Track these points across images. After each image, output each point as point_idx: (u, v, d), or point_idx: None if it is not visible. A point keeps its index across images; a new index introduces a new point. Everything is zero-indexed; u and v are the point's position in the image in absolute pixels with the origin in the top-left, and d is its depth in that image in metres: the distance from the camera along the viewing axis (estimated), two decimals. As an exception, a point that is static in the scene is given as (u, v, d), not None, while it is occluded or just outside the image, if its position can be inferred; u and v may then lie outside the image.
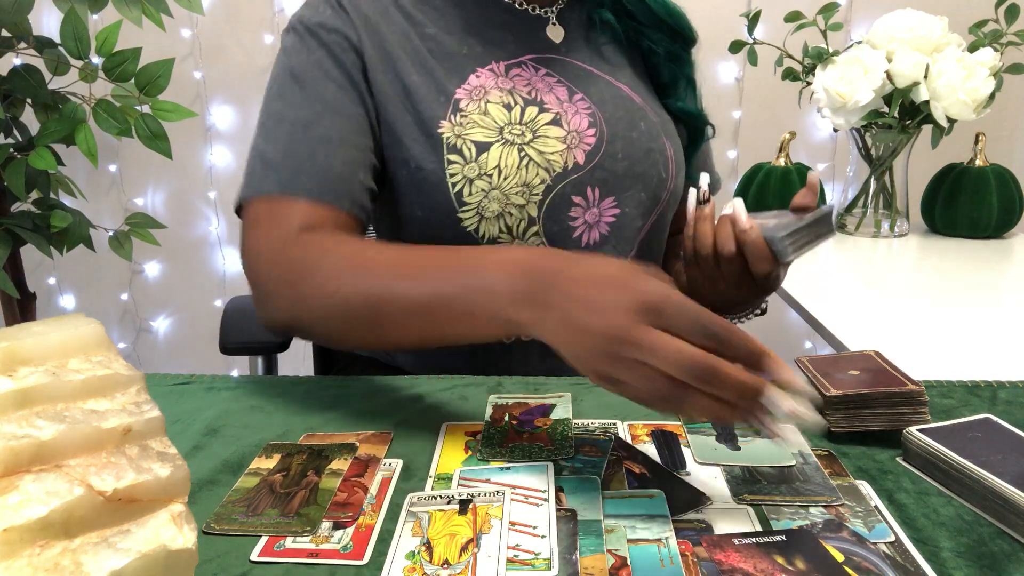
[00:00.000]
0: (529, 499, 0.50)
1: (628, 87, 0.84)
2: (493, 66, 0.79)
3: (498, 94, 0.77)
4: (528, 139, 0.76)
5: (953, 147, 1.57)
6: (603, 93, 0.82)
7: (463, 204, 0.76)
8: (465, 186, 0.75)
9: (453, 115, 0.76)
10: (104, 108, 1.50)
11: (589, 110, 0.80)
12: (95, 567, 0.32)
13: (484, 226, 0.77)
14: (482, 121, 0.76)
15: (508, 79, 0.79)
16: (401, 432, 0.61)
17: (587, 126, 0.79)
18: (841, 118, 1.35)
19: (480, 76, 0.78)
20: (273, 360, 1.15)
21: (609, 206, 0.80)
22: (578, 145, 0.78)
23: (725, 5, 1.90)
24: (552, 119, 0.78)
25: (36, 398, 0.35)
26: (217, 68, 2.01)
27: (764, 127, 1.99)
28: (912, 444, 0.54)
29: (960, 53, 1.32)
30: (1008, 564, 0.44)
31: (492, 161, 0.75)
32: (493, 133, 0.76)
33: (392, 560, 0.44)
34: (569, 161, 0.77)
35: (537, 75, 0.80)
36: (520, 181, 0.76)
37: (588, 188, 0.79)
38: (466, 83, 0.77)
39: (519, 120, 0.77)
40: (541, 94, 0.79)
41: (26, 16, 1.51)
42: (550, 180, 0.77)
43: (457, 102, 0.76)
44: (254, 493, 0.52)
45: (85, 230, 1.64)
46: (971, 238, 1.48)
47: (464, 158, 0.75)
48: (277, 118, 0.74)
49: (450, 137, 0.75)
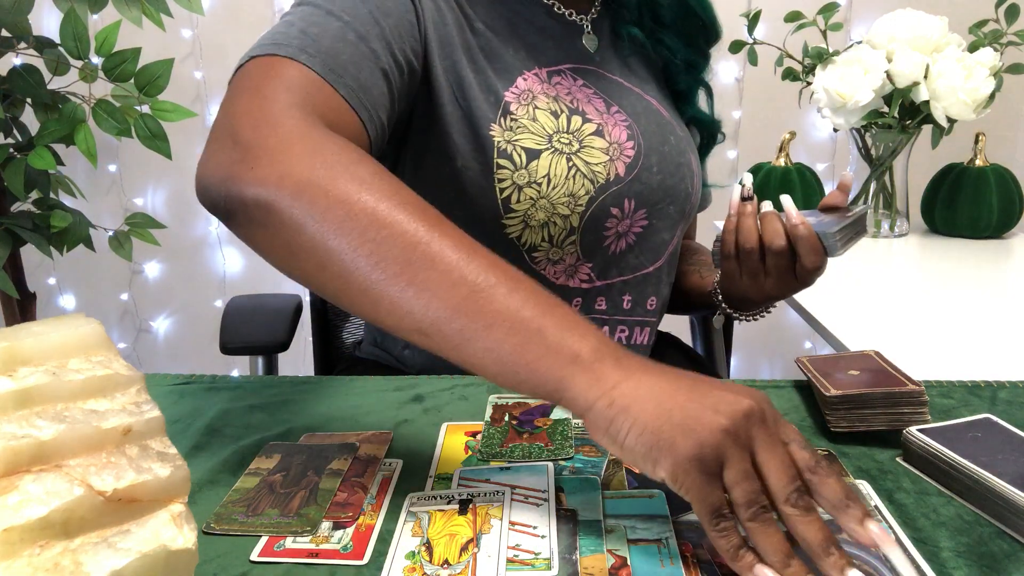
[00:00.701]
0: (529, 499, 0.50)
1: (656, 101, 0.85)
2: (537, 71, 0.78)
3: (545, 100, 0.76)
4: (575, 149, 0.76)
5: (953, 147, 1.57)
6: (636, 106, 0.82)
7: (509, 211, 0.74)
8: (513, 193, 0.74)
9: (503, 118, 0.74)
10: (104, 108, 1.50)
11: (626, 122, 0.80)
12: (95, 567, 0.32)
13: (527, 234, 0.76)
14: (532, 127, 0.75)
15: (551, 86, 0.78)
16: (401, 432, 0.61)
17: (626, 138, 0.79)
18: (841, 118, 1.35)
19: (527, 79, 0.77)
20: (273, 360, 1.15)
21: (640, 219, 0.80)
22: (619, 157, 0.78)
23: (725, 5, 1.89)
24: (595, 130, 0.77)
25: (36, 398, 0.35)
26: (217, 68, 2.01)
27: (764, 127, 1.99)
28: (912, 444, 0.54)
29: (960, 53, 1.32)
30: (1008, 564, 0.44)
31: (542, 169, 0.74)
32: (543, 141, 0.74)
33: (392, 560, 0.44)
34: (611, 173, 0.77)
35: (575, 85, 0.80)
36: (567, 191, 0.75)
37: (625, 200, 0.79)
38: (514, 85, 0.76)
39: (566, 129, 0.76)
40: (582, 104, 0.79)
41: (26, 16, 1.51)
42: (594, 191, 0.76)
43: (507, 105, 0.75)
44: (254, 493, 0.52)
45: (85, 230, 1.64)
46: (971, 238, 1.48)
47: (514, 164, 0.73)
48: (326, 12, 0.64)
49: (500, 141, 0.73)
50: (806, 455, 0.43)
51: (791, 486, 0.41)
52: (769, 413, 0.44)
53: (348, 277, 0.47)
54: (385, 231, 0.47)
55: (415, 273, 0.46)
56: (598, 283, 0.81)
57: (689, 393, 0.43)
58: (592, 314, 0.82)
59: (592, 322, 0.49)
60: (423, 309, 0.46)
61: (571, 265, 0.79)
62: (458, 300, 0.45)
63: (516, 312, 0.45)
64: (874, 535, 0.40)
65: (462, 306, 0.45)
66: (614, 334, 0.84)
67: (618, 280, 0.82)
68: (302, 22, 0.62)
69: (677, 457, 0.41)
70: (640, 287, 0.84)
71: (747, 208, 0.76)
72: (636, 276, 0.83)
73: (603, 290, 0.82)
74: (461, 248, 0.47)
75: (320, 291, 0.50)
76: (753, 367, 2.23)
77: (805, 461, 0.43)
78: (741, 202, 0.76)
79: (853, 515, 0.41)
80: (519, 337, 0.45)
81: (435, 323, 0.46)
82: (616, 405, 0.43)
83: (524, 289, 0.46)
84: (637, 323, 0.85)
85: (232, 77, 0.60)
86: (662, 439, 0.41)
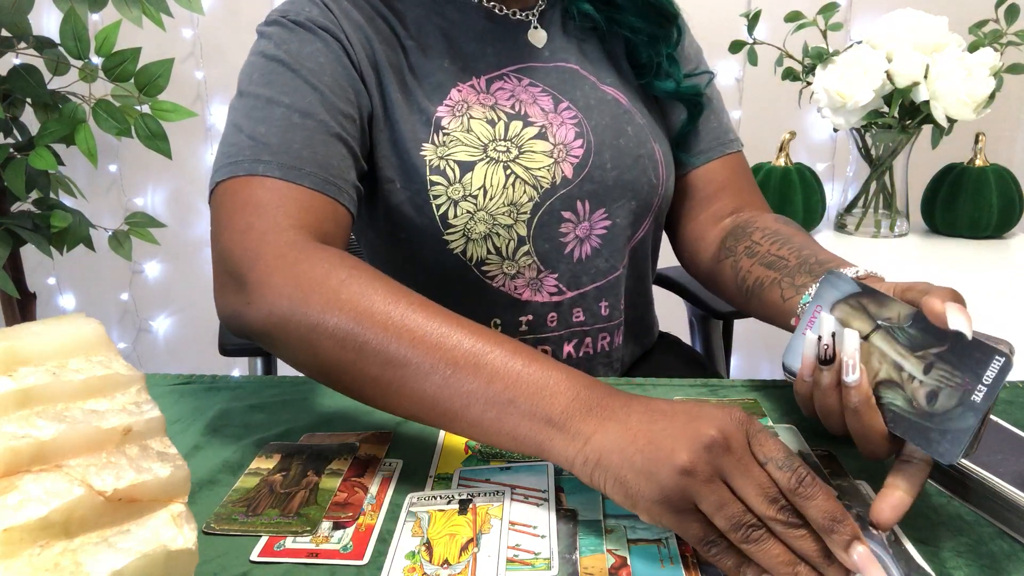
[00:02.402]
0: (529, 499, 0.50)
1: (613, 88, 0.82)
2: (474, 82, 0.76)
3: (481, 110, 0.74)
4: (514, 155, 0.74)
5: (953, 147, 1.57)
6: (588, 98, 0.79)
7: (448, 226, 0.73)
8: (450, 208, 0.72)
9: (436, 135, 0.73)
10: (104, 108, 1.50)
11: (575, 119, 0.77)
12: (95, 567, 0.32)
13: (471, 248, 0.74)
14: (465, 139, 0.73)
15: (490, 94, 0.76)
16: (401, 432, 0.61)
17: (574, 137, 0.76)
18: (841, 118, 1.35)
19: (462, 91, 0.75)
20: (273, 360, 1.15)
21: (600, 218, 0.78)
22: (565, 158, 0.75)
23: (725, 5, 1.90)
24: (537, 132, 0.75)
25: (36, 398, 0.35)
26: (217, 68, 2.01)
27: (764, 127, 1.99)
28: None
29: (960, 53, 1.32)
30: (1008, 564, 0.44)
31: (477, 181, 0.72)
32: (477, 151, 0.73)
33: (392, 560, 0.44)
34: (557, 176, 0.75)
35: (520, 85, 0.77)
36: (507, 200, 0.73)
37: (578, 202, 0.76)
38: (448, 98, 0.75)
39: (503, 136, 0.74)
40: (525, 106, 0.76)
41: (26, 16, 1.51)
42: (538, 197, 0.74)
43: (439, 120, 0.73)
44: (254, 493, 0.52)
45: (85, 230, 1.65)
46: (971, 238, 1.48)
47: (448, 179, 0.72)
48: (267, 100, 0.67)
49: (432, 159, 0.72)
50: (786, 475, 0.41)
51: (773, 507, 0.41)
52: (736, 438, 0.42)
53: (339, 386, 0.55)
54: (353, 347, 0.52)
55: (389, 380, 0.51)
56: (570, 294, 0.79)
57: (649, 436, 0.43)
58: (571, 327, 0.80)
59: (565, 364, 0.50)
60: (406, 406, 0.52)
61: (533, 279, 0.77)
62: (433, 390, 0.50)
63: (486, 389, 0.49)
64: (857, 562, 0.40)
65: (438, 395, 0.50)
66: (597, 344, 0.82)
67: (591, 288, 0.79)
68: (248, 123, 0.66)
69: (645, 503, 0.42)
70: (615, 290, 0.81)
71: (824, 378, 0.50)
72: (609, 280, 0.80)
73: (577, 300, 0.79)
74: (427, 341, 0.50)
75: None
76: (753, 367, 2.23)
77: (785, 482, 0.41)
78: (818, 366, 0.51)
79: (838, 540, 0.40)
80: (495, 411, 0.48)
81: (418, 415, 0.52)
82: (590, 461, 0.45)
83: (490, 364, 0.49)
84: (617, 326, 0.83)
85: (210, 203, 0.65)
86: (630, 488, 0.43)
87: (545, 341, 0.80)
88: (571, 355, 0.81)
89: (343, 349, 0.52)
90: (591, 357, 0.82)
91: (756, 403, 0.65)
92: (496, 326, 0.78)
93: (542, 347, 0.80)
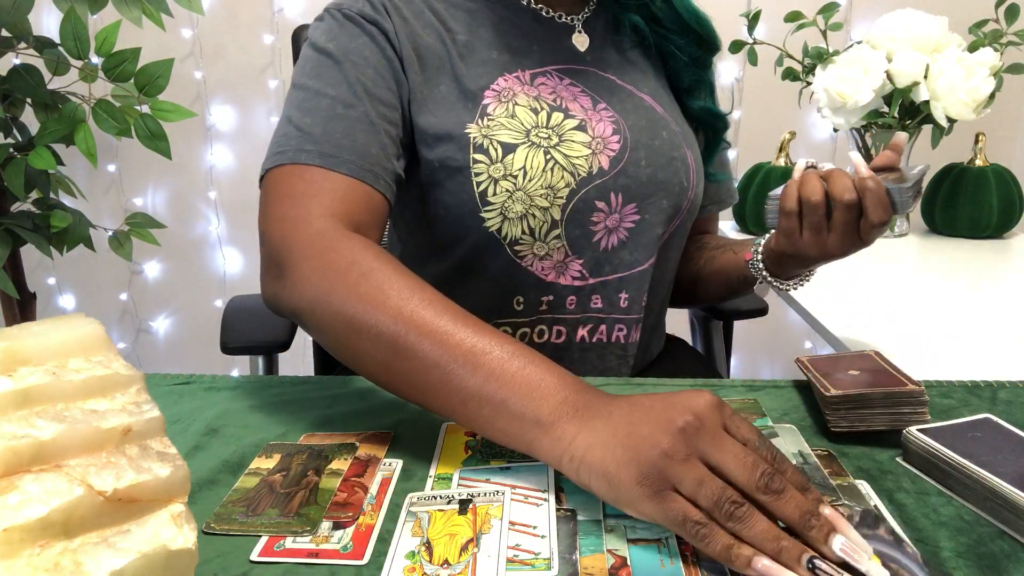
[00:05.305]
0: (529, 499, 0.50)
1: (651, 96, 0.85)
2: (519, 74, 0.80)
3: (526, 99, 0.79)
4: (554, 142, 0.77)
5: (953, 147, 1.57)
6: (625, 103, 0.83)
7: (487, 204, 0.77)
8: (490, 186, 0.76)
9: (480, 119, 0.77)
10: (104, 108, 1.50)
11: (613, 118, 0.81)
12: (95, 567, 0.32)
13: (507, 227, 0.78)
14: (509, 123, 0.77)
15: (533, 87, 0.80)
16: (401, 432, 0.61)
17: (611, 132, 0.80)
18: (841, 118, 1.35)
19: (507, 80, 0.79)
20: (273, 360, 1.15)
21: (630, 212, 0.81)
22: (603, 151, 0.79)
23: (725, 5, 1.90)
24: (577, 124, 0.79)
25: (36, 398, 0.35)
26: (217, 68, 2.01)
27: (764, 127, 1.99)
28: (912, 444, 0.54)
29: (960, 53, 1.32)
30: (1008, 564, 0.44)
31: (518, 162, 0.76)
32: (520, 135, 0.77)
33: (392, 560, 0.44)
34: (594, 166, 0.78)
35: (561, 84, 0.81)
36: (545, 183, 0.77)
37: (612, 193, 0.79)
38: (495, 84, 0.79)
39: (545, 124, 0.78)
40: (566, 102, 0.80)
41: (26, 16, 1.51)
42: (575, 184, 0.78)
43: (485, 106, 0.77)
44: (254, 493, 0.52)
45: (85, 230, 1.65)
46: (971, 238, 1.48)
47: (490, 158, 0.76)
48: (315, 92, 0.73)
49: (476, 137, 0.76)
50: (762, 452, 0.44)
51: (756, 472, 0.42)
52: (710, 418, 0.44)
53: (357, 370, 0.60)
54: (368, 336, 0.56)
55: (398, 370, 0.55)
56: (591, 280, 0.82)
57: (628, 428, 0.45)
58: (588, 312, 0.83)
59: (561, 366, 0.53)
60: (411, 394, 0.56)
61: (560, 261, 0.80)
62: (435, 384, 0.54)
63: (481, 388, 0.51)
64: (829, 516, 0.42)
65: (439, 389, 0.53)
66: (612, 334, 0.84)
67: (613, 277, 0.82)
68: (297, 113, 0.72)
69: (626, 489, 0.44)
70: (636, 284, 0.84)
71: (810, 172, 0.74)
72: (632, 273, 0.83)
73: (597, 287, 0.82)
74: (433, 337, 0.54)
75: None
76: (753, 367, 2.23)
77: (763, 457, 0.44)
78: (805, 170, 0.74)
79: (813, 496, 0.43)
80: (489, 409, 0.51)
81: (423, 404, 0.56)
82: (575, 459, 0.47)
83: (488, 363, 0.52)
84: (635, 321, 0.85)
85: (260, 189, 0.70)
86: (612, 479, 0.44)
87: (562, 322, 0.83)
88: (584, 339, 0.84)
89: (359, 338, 0.57)
90: (603, 345, 0.85)
91: (756, 403, 0.65)
92: (519, 304, 0.82)
93: (558, 327, 0.83)
